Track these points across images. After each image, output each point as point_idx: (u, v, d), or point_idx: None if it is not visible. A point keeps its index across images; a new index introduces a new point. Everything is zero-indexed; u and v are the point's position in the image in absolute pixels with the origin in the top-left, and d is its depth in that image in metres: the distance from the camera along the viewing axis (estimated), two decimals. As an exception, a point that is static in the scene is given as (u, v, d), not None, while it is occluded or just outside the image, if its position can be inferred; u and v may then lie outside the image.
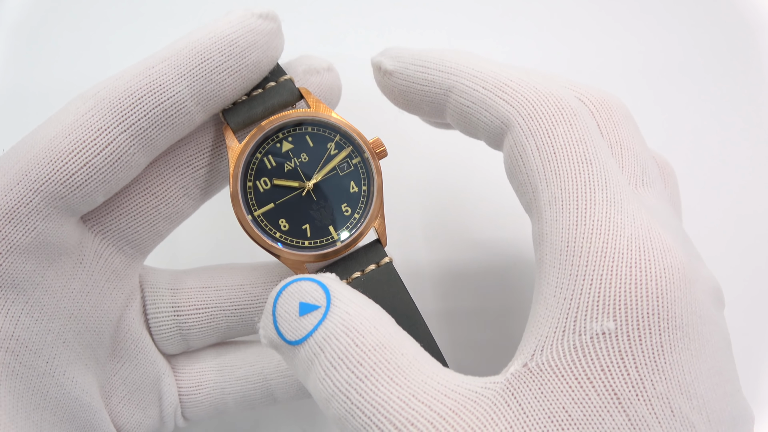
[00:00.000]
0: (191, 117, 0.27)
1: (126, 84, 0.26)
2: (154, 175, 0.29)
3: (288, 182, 0.29)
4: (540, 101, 0.25)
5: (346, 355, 0.23)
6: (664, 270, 0.22)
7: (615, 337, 0.21)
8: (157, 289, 0.31)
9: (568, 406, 0.21)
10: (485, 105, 0.26)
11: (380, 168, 0.30)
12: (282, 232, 0.29)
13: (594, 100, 0.27)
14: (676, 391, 0.21)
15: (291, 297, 0.25)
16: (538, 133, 0.25)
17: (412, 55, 0.29)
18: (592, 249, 0.22)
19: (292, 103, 0.30)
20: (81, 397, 0.28)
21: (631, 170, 0.26)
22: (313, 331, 0.24)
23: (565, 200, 0.23)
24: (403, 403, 0.22)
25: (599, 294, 0.22)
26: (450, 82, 0.27)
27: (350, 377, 0.22)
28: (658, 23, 0.45)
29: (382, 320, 0.24)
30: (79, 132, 0.26)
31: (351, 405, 0.22)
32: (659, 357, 0.21)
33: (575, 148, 0.24)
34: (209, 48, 0.27)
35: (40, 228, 0.25)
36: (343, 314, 0.24)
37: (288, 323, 0.24)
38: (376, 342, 0.23)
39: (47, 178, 0.25)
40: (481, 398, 0.22)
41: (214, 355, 0.33)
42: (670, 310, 0.22)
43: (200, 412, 0.33)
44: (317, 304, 0.24)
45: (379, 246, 0.30)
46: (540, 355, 0.22)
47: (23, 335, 0.26)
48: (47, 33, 0.45)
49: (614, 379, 0.21)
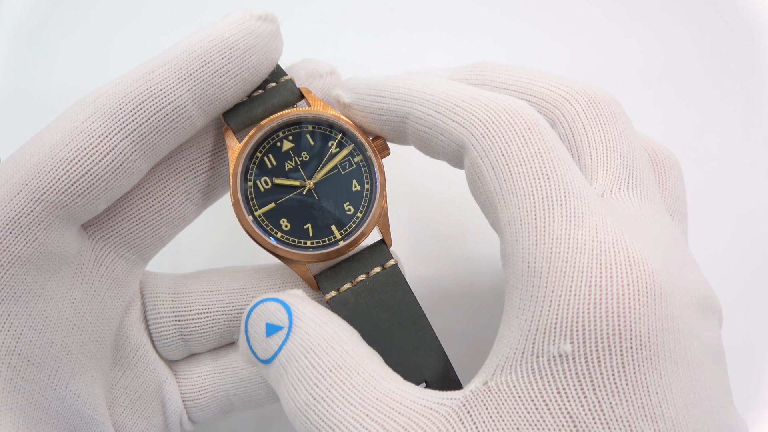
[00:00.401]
0: (193, 121, 0.27)
1: (126, 89, 0.26)
2: (156, 180, 0.28)
3: (289, 181, 0.29)
4: (491, 119, 0.24)
5: (304, 377, 0.24)
6: (628, 286, 0.21)
7: (572, 360, 0.21)
8: (158, 294, 0.31)
9: (522, 427, 0.21)
10: (440, 129, 0.26)
11: (383, 166, 0.29)
12: (283, 232, 0.29)
13: (580, 97, 0.27)
14: (639, 413, 0.20)
15: (258, 317, 0.26)
16: (491, 153, 0.24)
17: (368, 85, 0.29)
18: (551, 269, 0.22)
19: (293, 103, 0.30)
20: (83, 410, 0.27)
21: (615, 173, 0.26)
22: (277, 351, 0.25)
23: (523, 219, 0.23)
24: (357, 423, 0.22)
25: (557, 316, 0.21)
26: (405, 109, 0.27)
27: (308, 398, 0.23)
28: (657, 24, 0.45)
29: (341, 339, 0.25)
30: (80, 139, 0.25)
31: (311, 425, 0.23)
32: (619, 379, 0.20)
33: (530, 164, 0.23)
34: (209, 51, 0.26)
35: (41, 238, 0.25)
36: (303, 335, 0.24)
37: (258, 343, 0.25)
38: (332, 363, 0.24)
39: (48, 187, 0.25)
40: (435, 414, 0.22)
41: (214, 357, 0.32)
42: (634, 329, 0.21)
43: (207, 414, 0.32)
44: (281, 325, 0.25)
45: (384, 247, 0.29)
46: (500, 375, 0.22)
47: (25, 350, 0.25)
48: (47, 35, 0.44)
49: (570, 403, 0.21)
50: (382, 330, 0.28)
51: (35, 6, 0.45)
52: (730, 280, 0.39)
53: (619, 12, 0.46)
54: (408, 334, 0.28)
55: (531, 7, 0.46)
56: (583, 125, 0.26)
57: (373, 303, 0.28)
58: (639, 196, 0.25)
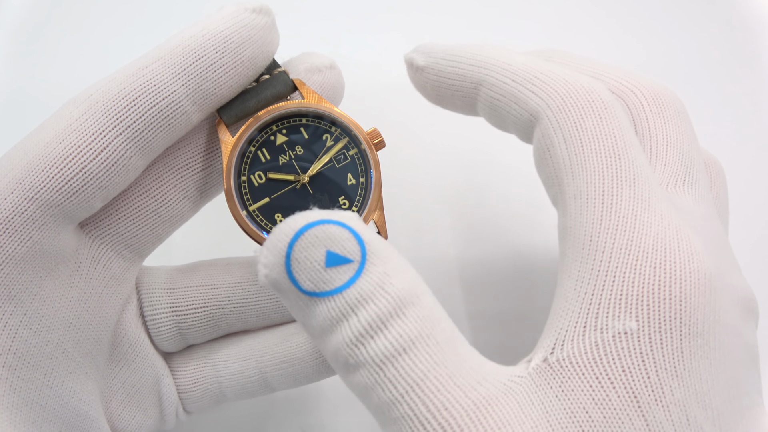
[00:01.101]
0: (188, 116, 0.26)
1: (119, 85, 0.25)
2: (152, 178, 0.28)
3: (283, 176, 0.29)
4: (569, 94, 0.25)
5: (385, 323, 0.21)
6: (689, 274, 0.21)
7: (637, 338, 0.21)
8: (153, 290, 0.31)
9: (588, 407, 0.21)
10: (514, 98, 0.26)
11: (378, 159, 0.29)
12: None
13: (646, 92, 0.27)
14: (693, 399, 0.21)
15: (315, 242, 0.22)
16: (566, 126, 0.24)
17: (444, 50, 0.28)
18: (615, 245, 0.22)
19: (287, 95, 0.29)
20: (78, 407, 0.27)
21: (673, 168, 0.26)
22: (343, 287, 0.21)
23: (591, 194, 0.23)
24: (440, 385, 0.21)
25: (621, 291, 0.21)
26: (480, 76, 0.27)
27: (387, 347, 0.21)
28: (657, 24, 0.45)
29: (422, 287, 0.22)
30: (74, 137, 0.25)
31: (383, 377, 0.21)
32: (678, 363, 0.21)
33: (604, 142, 0.24)
34: (203, 45, 0.26)
35: (36, 237, 0.25)
36: (382, 275, 0.21)
37: (308, 272, 0.22)
38: (418, 314, 0.21)
39: (42, 185, 0.24)
40: (510, 392, 0.22)
41: (209, 350, 0.32)
42: (692, 316, 0.21)
43: (200, 406, 0.32)
44: (349, 257, 0.22)
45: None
46: (560, 349, 0.22)
47: (21, 349, 0.25)
48: (46, 34, 0.44)
49: (635, 382, 0.21)
50: None
51: (35, 5, 0.44)
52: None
53: (618, 12, 0.46)
54: None
55: (531, 8, 0.46)
56: (647, 118, 0.27)
57: None
58: (694, 194, 0.26)
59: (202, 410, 0.33)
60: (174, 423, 0.32)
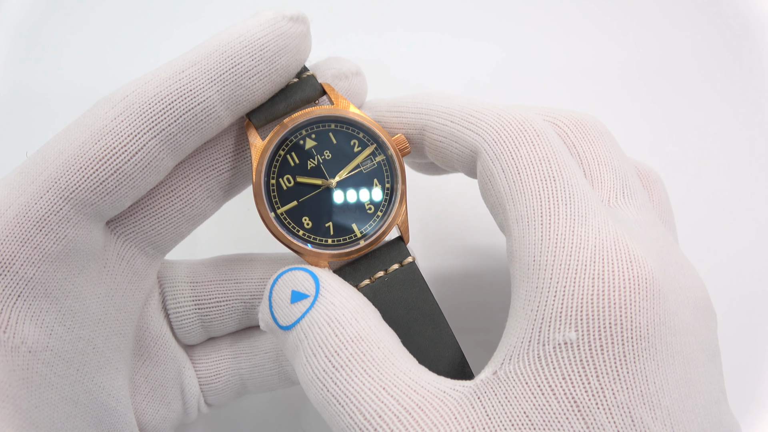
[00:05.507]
0: (220, 121, 0.27)
1: (155, 88, 0.25)
2: (179, 178, 0.29)
3: (311, 180, 0.29)
4: (503, 126, 0.26)
5: (326, 344, 0.24)
6: (629, 280, 0.22)
7: (576, 347, 0.22)
8: (177, 283, 0.31)
9: (529, 411, 0.22)
10: (455, 137, 0.28)
11: (404, 165, 0.30)
12: (305, 230, 0.29)
13: (568, 121, 0.28)
14: (639, 401, 0.21)
15: (285, 284, 0.26)
16: (503, 156, 0.26)
17: (387, 104, 0.31)
18: (556, 262, 0.23)
19: (315, 99, 0.30)
20: (108, 402, 0.28)
21: (609, 184, 0.27)
22: (300, 318, 0.25)
23: (530, 217, 0.24)
24: (373, 395, 0.23)
25: (562, 305, 0.22)
26: (423, 122, 0.29)
27: (327, 366, 0.24)
28: (656, 24, 0.45)
29: (364, 312, 0.25)
30: (109, 138, 0.25)
31: (327, 393, 0.24)
32: (621, 366, 0.22)
33: (539, 167, 0.25)
34: (240, 52, 0.26)
35: (70, 236, 0.25)
36: (328, 304, 0.25)
37: (281, 309, 0.26)
38: (354, 334, 0.24)
39: (77, 185, 0.25)
40: (447, 398, 0.23)
41: (230, 343, 0.33)
42: (634, 321, 0.22)
43: (222, 398, 0.33)
44: (307, 293, 0.26)
45: (402, 244, 0.30)
46: (508, 364, 0.23)
47: (57, 345, 0.26)
48: (47, 32, 0.44)
49: (574, 388, 0.22)
50: (399, 326, 0.28)
51: (36, 4, 0.44)
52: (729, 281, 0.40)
53: (617, 12, 0.46)
54: (425, 330, 0.28)
55: (528, 8, 0.46)
56: (573, 144, 0.28)
57: (390, 299, 0.29)
58: (635, 204, 0.27)
59: (224, 403, 0.34)
60: (196, 415, 0.33)
